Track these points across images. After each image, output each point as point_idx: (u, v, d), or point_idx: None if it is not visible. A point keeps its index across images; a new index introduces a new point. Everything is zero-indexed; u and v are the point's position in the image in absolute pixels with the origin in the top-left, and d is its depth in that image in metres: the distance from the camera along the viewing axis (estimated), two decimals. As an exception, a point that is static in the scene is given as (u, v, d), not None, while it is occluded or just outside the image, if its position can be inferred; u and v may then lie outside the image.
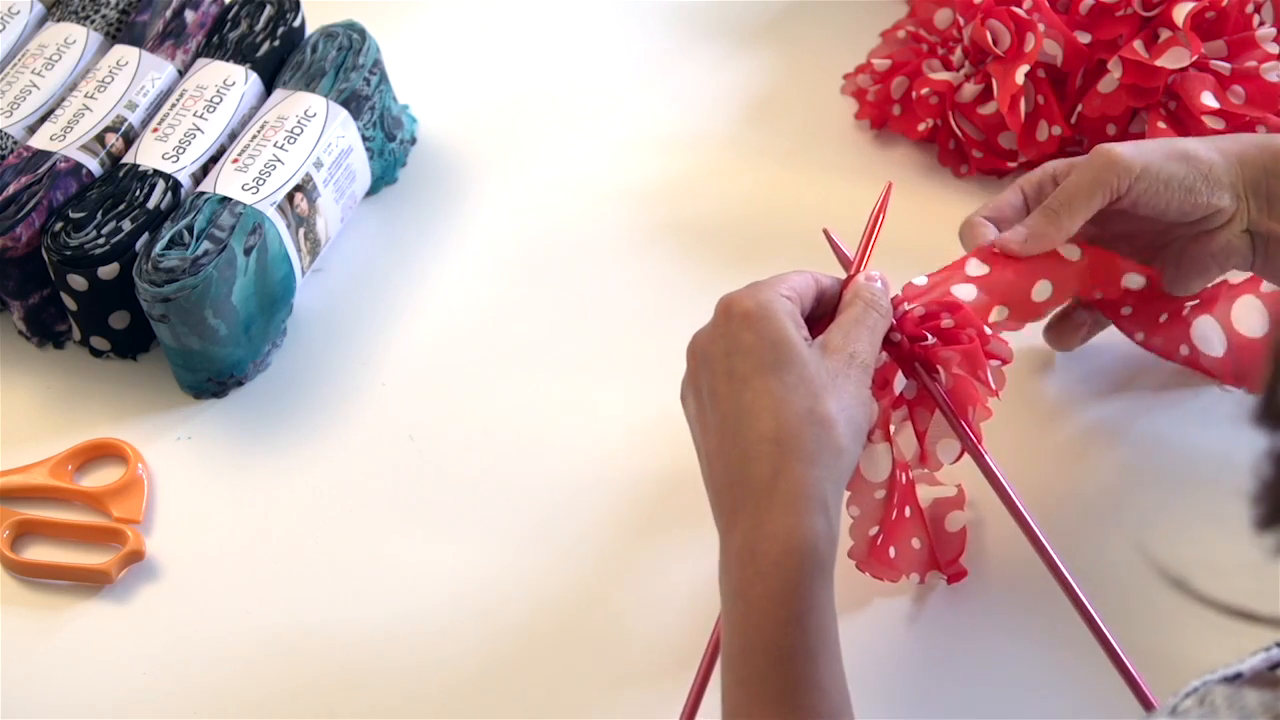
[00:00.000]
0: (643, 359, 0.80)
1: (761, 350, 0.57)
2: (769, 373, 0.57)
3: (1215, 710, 0.42)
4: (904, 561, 0.67)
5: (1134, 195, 0.65)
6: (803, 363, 0.57)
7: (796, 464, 0.55)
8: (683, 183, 0.88)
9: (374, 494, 0.76)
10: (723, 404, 0.58)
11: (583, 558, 0.73)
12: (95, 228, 0.76)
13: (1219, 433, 0.72)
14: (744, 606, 0.55)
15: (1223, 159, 0.65)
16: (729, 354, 0.58)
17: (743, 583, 0.55)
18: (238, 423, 0.79)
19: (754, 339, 0.57)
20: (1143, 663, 0.61)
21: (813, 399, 0.56)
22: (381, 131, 0.86)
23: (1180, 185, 0.65)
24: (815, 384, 0.57)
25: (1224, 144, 0.66)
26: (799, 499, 0.55)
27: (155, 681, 0.70)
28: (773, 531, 0.54)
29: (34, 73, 0.83)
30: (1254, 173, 0.65)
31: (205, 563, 0.73)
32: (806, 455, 0.55)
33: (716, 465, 0.58)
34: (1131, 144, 0.66)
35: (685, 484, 0.73)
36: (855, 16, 0.94)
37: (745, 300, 0.59)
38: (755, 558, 0.55)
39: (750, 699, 0.54)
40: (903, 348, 0.63)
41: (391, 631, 0.71)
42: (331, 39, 0.85)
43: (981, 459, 0.63)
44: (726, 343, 0.58)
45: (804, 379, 0.57)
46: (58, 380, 0.81)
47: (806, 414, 0.56)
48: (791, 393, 0.56)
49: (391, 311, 0.83)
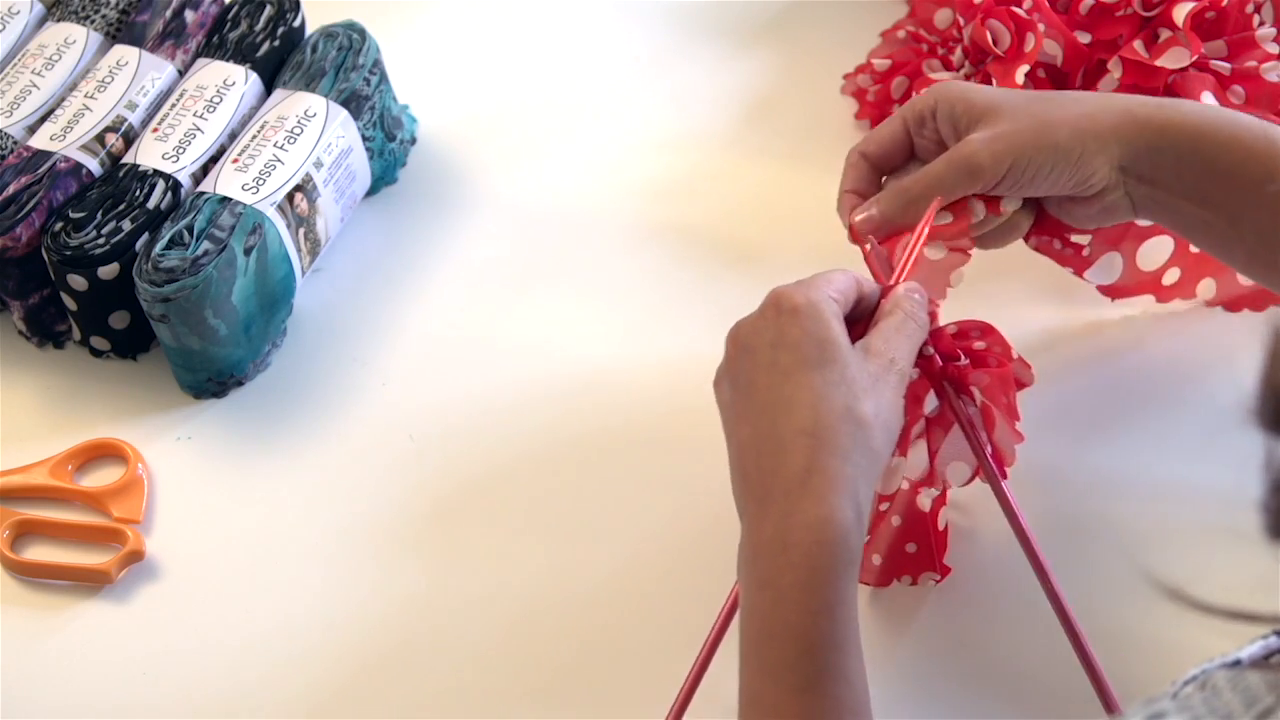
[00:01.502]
0: (643, 358, 0.80)
1: (807, 346, 0.58)
2: (812, 368, 0.57)
3: (1218, 692, 0.42)
4: (893, 566, 0.67)
5: (1001, 187, 0.65)
6: (845, 362, 0.58)
7: (831, 458, 0.55)
8: (683, 183, 0.88)
9: (373, 494, 0.76)
10: (761, 394, 0.58)
11: (584, 555, 0.73)
12: (95, 228, 0.76)
13: (1208, 441, 0.72)
14: (773, 595, 0.55)
15: (1095, 142, 0.64)
16: (774, 346, 0.58)
17: (772, 571, 0.55)
18: (238, 423, 0.79)
19: (801, 334, 0.58)
20: (1136, 664, 0.61)
21: (852, 398, 0.57)
22: (381, 131, 0.86)
23: (1049, 172, 0.64)
24: (856, 385, 0.57)
25: (1102, 118, 0.65)
26: (832, 492, 0.55)
27: (155, 681, 0.70)
28: (805, 522, 0.55)
29: (34, 73, 0.83)
30: (1130, 150, 0.64)
31: (205, 563, 0.73)
32: (841, 451, 0.56)
33: (749, 454, 0.58)
34: (999, 136, 0.64)
35: (688, 481, 0.74)
36: (855, 16, 0.94)
37: (796, 296, 0.59)
38: (786, 548, 0.55)
39: (776, 686, 0.54)
40: (933, 364, 0.63)
41: (391, 629, 0.71)
42: (331, 39, 0.85)
43: (1001, 492, 0.63)
44: (773, 335, 0.59)
45: (845, 378, 0.57)
46: (58, 380, 0.81)
47: (845, 412, 0.56)
48: (833, 389, 0.57)
49: (392, 311, 0.83)
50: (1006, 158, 0.64)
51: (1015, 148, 0.64)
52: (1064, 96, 0.68)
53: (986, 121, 0.65)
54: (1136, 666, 0.61)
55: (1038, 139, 0.64)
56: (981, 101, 0.66)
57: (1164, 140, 0.64)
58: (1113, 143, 0.64)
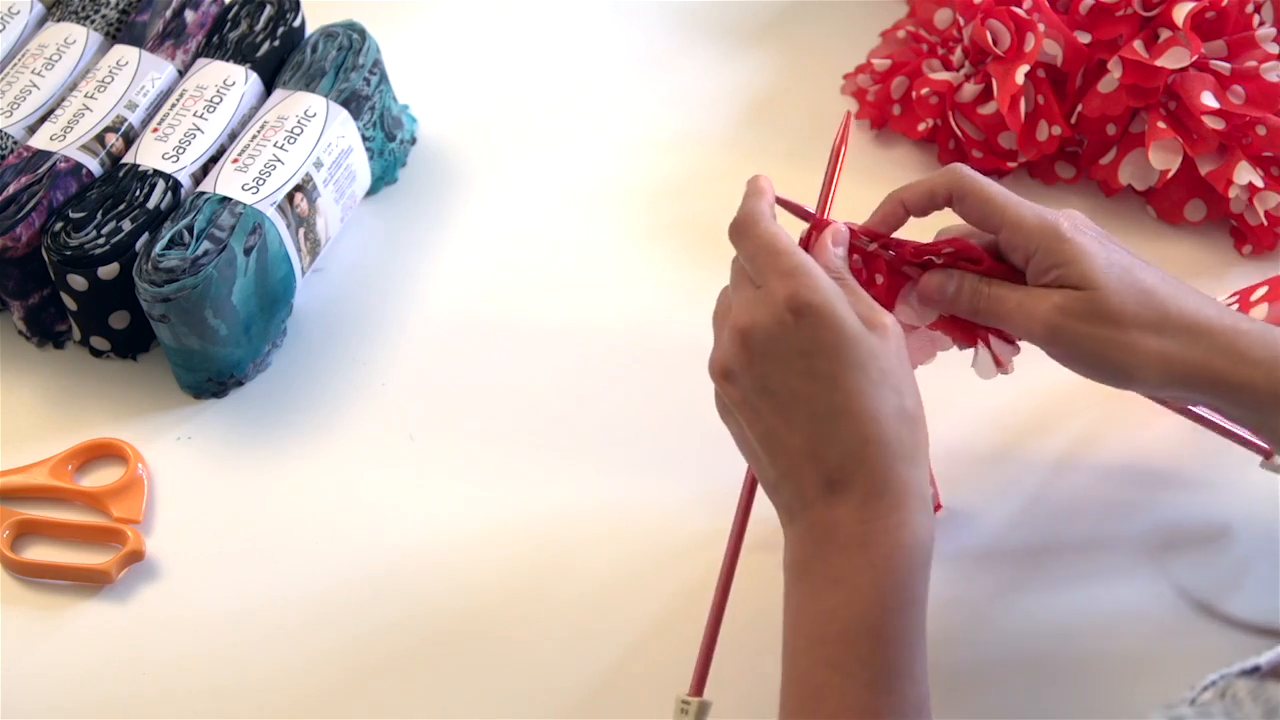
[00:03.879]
0: (644, 358, 0.80)
1: (840, 348, 0.58)
2: (855, 371, 0.57)
3: (1239, 703, 0.42)
4: None
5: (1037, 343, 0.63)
6: (875, 354, 0.58)
7: (898, 463, 0.57)
8: (683, 183, 0.88)
9: (374, 494, 0.76)
10: (808, 404, 0.58)
11: (587, 552, 0.73)
12: (95, 228, 0.76)
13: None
14: (848, 593, 0.56)
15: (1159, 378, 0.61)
16: (807, 355, 0.58)
17: (849, 571, 0.56)
18: (237, 423, 0.79)
19: (830, 336, 0.58)
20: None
21: (899, 395, 0.58)
22: (381, 131, 0.86)
23: (1092, 364, 0.62)
24: (894, 377, 0.58)
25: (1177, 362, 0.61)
26: (908, 497, 0.57)
27: (155, 681, 0.70)
28: (885, 526, 0.56)
29: (34, 73, 0.83)
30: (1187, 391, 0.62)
31: (205, 563, 0.73)
32: (907, 455, 0.57)
33: (802, 461, 0.58)
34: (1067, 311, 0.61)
35: (691, 476, 0.74)
36: (855, 16, 0.94)
37: (805, 294, 0.58)
38: (866, 549, 0.56)
39: (845, 680, 0.55)
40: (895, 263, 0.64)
41: (393, 629, 0.71)
42: (331, 39, 0.85)
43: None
44: (800, 342, 0.58)
45: (885, 372, 0.58)
46: (58, 380, 0.81)
47: (898, 413, 0.57)
48: (879, 390, 0.57)
49: (392, 311, 0.83)
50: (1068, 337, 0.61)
51: (1081, 336, 0.61)
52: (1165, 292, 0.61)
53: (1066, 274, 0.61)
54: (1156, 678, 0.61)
55: (1105, 346, 0.61)
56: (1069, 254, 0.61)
57: (1225, 393, 0.62)
58: (1177, 386, 0.62)
